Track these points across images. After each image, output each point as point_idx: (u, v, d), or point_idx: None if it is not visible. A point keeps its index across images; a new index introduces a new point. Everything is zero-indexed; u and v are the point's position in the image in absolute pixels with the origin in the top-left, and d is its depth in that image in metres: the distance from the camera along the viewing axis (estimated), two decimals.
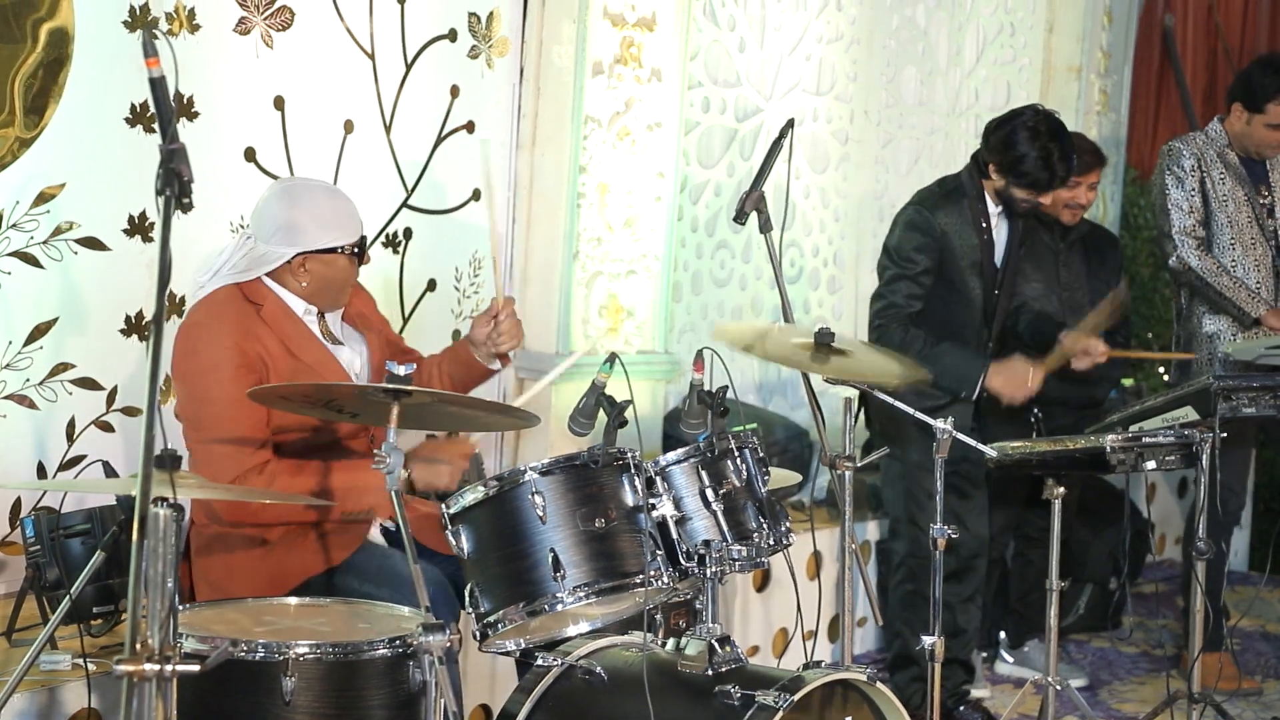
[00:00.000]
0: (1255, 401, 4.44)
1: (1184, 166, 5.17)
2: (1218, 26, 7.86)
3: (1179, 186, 5.17)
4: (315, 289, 3.49)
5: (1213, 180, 5.17)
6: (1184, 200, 5.16)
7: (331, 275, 3.49)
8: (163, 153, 2.31)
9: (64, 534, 3.51)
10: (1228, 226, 5.16)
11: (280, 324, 3.45)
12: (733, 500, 3.21)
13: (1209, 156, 5.19)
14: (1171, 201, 5.18)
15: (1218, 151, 5.21)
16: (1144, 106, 7.73)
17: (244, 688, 2.82)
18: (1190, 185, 5.16)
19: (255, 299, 3.45)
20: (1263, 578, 6.15)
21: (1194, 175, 5.17)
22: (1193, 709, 4.29)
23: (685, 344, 5.48)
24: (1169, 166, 5.21)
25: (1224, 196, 5.16)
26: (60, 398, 3.93)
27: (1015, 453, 4.24)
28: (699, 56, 5.50)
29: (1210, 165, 5.18)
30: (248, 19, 4.22)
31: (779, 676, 3.00)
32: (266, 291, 3.47)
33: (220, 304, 3.43)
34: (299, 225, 3.44)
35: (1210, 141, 5.24)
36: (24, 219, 3.82)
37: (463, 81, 4.79)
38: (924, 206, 4.62)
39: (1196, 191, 5.17)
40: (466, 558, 3.12)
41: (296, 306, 3.49)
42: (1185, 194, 5.16)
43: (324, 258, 3.46)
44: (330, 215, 3.48)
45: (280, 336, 3.43)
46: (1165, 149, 5.30)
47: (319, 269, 3.47)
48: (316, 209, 3.47)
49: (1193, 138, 5.27)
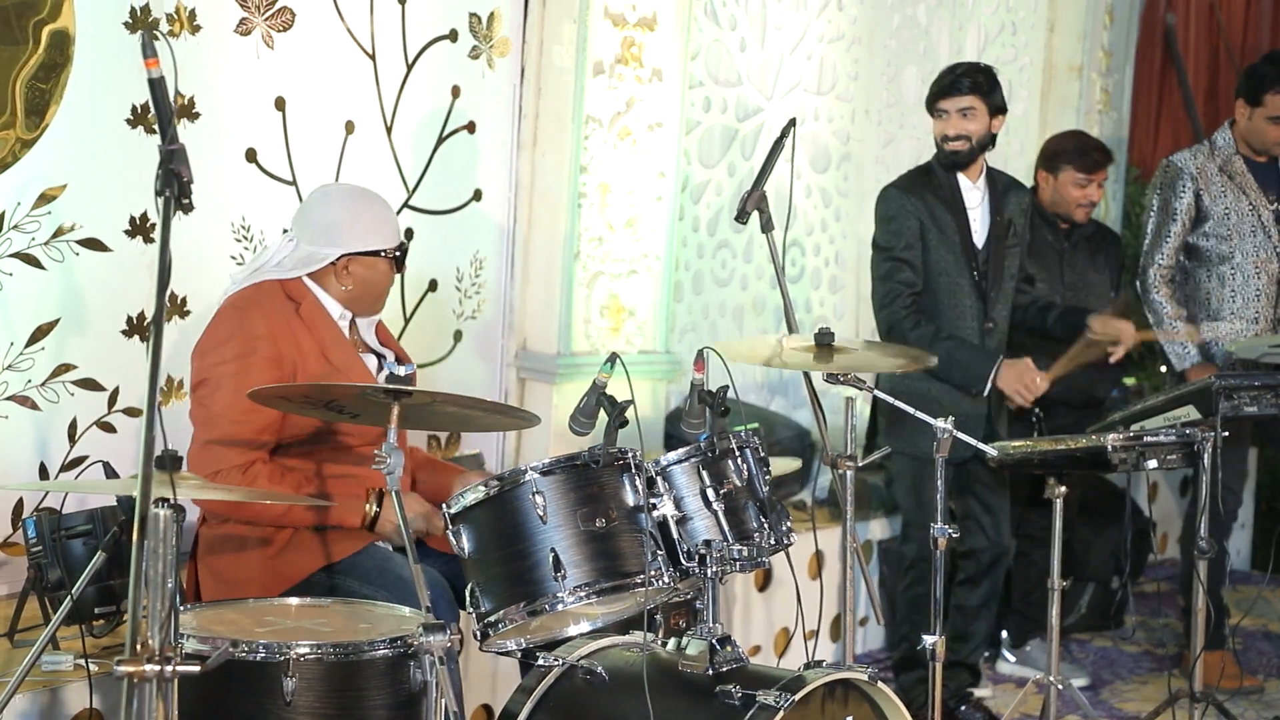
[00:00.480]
0: (1257, 400, 4.44)
1: (1176, 188, 5.18)
2: (1219, 25, 7.86)
3: (1164, 210, 5.21)
4: (356, 293, 3.54)
5: (1212, 196, 5.17)
6: (1165, 225, 5.19)
7: (373, 279, 3.54)
8: (162, 153, 2.31)
9: (65, 535, 3.51)
10: (1229, 238, 5.16)
11: (316, 324, 3.49)
12: (734, 500, 3.21)
13: (1209, 171, 5.19)
14: (1151, 227, 5.25)
15: (1221, 164, 5.20)
16: (1146, 105, 7.72)
17: (245, 688, 2.82)
18: (1176, 207, 5.18)
19: (295, 297, 3.50)
20: (1265, 577, 6.14)
21: (1186, 196, 5.17)
22: (1195, 708, 4.29)
23: (686, 344, 5.48)
24: (1160, 186, 5.24)
25: (1224, 211, 5.16)
26: (62, 399, 3.93)
27: (1017, 452, 4.24)
28: (700, 56, 5.50)
29: (1210, 180, 5.17)
30: (248, 20, 4.22)
31: (780, 676, 3.00)
32: (306, 291, 3.52)
33: (263, 294, 3.49)
34: (345, 227, 3.51)
35: (1215, 154, 5.22)
36: (25, 220, 3.82)
37: (464, 82, 4.79)
38: (894, 188, 4.71)
39: (1184, 214, 5.18)
40: (467, 557, 3.12)
41: (333, 310, 3.54)
42: (1168, 218, 5.19)
43: (367, 260, 3.52)
44: (375, 220, 3.55)
45: (315, 336, 3.48)
46: (1162, 165, 5.31)
47: (361, 271, 3.52)
48: (361, 213, 3.54)
49: (1195, 152, 5.27)
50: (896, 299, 4.56)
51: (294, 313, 3.48)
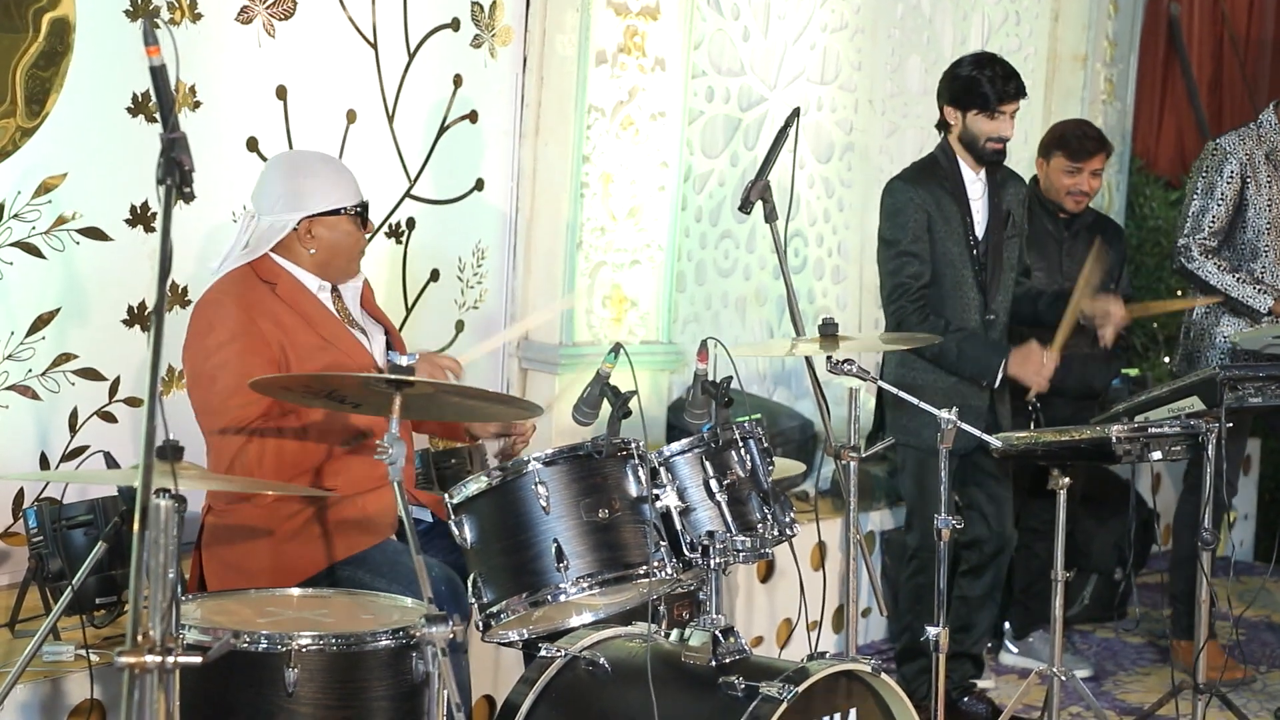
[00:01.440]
0: (1261, 391, 4.42)
1: (1224, 172, 5.09)
2: (1224, 15, 7.83)
3: (1209, 193, 5.11)
4: (324, 258, 3.49)
5: (1257, 184, 5.09)
6: (1207, 208, 5.11)
7: (337, 240, 3.48)
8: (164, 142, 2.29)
9: (66, 525, 3.51)
10: (1267, 232, 5.10)
11: (297, 301, 3.45)
12: (737, 491, 3.20)
13: (1256, 158, 5.12)
14: (1192, 209, 5.14)
15: (1267, 151, 5.14)
16: (1149, 96, 7.70)
17: (247, 679, 2.81)
18: (1222, 192, 5.09)
19: (268, 278, 3.45)
20: (1268, 568, 6.13)
21: (1233, 182, 5.09)
22: (1198, 699, 4.28)
23: (689, 334, 5.47)
24: (1204, 169, 5.14)
25: (1265, 203, 5.10)
26: (62, 388, 3.92)
27: (1020, 443, 4.22)
28: (703, 45, 5.48)
29: (1257, 168, 5.10)
30: (249, 8, 4.20)
31: (783, 668, 3.00)
32: (279, 270, 3.47)
33: (233, 283, 3.44)
34: (300, 191, 3.46)
35: (1261, 139, 5.15)
36: (26, 209, 3.81)
37: (466, 71, 4.78)
38: (899, 181, 4.66)
39: (1229, 199, 5.10)
40: (470, 547, 3.11)
41: (310, 283, 3.49)
42: (1212, 201, 5.10)
43: (328, 221, 3.46)
44: (330, 179, 3.50)
45: (299, 313, 3.44)
46: (1210, 147, 5.18)
47: (324, 234, 3.47)
48: (315, 174, 3.49)
49: (1244, 135, 5.17)
50: (905, 293, 4.54)
51: (271, 293, 3.43)
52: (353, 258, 3.54)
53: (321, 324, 3.45)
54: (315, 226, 3.46)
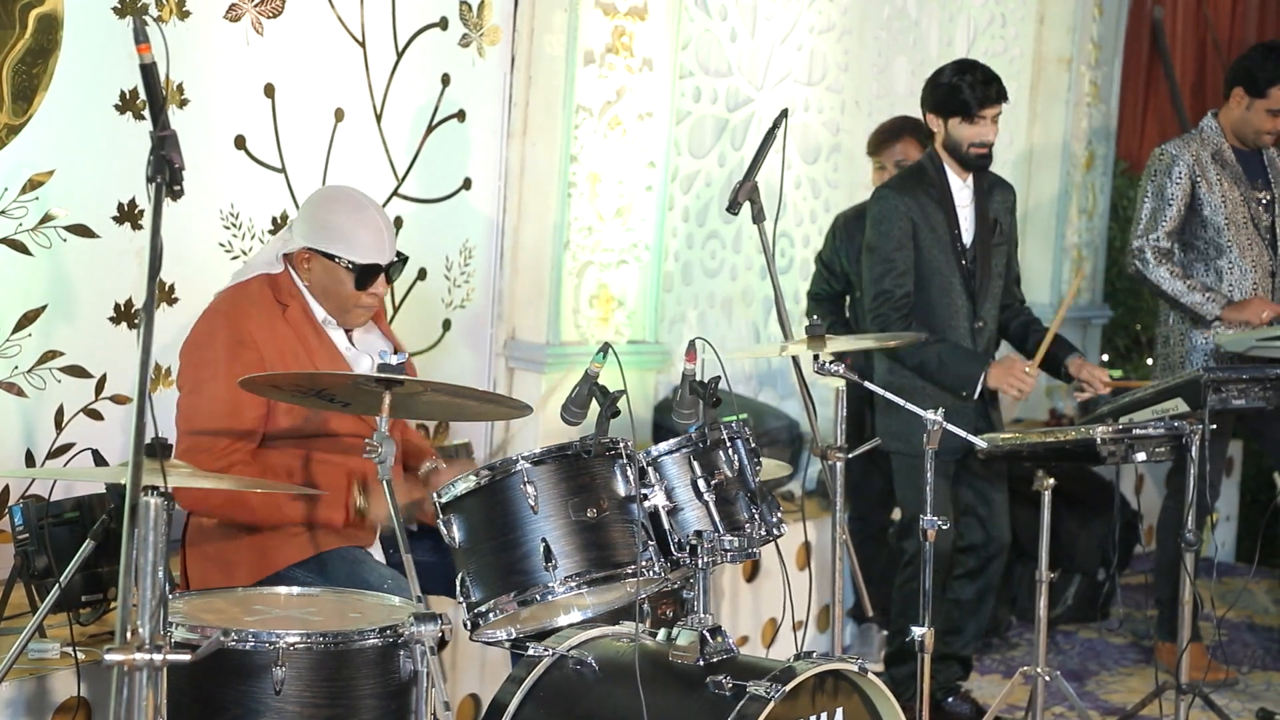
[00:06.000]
0: (1245, 393, 4.44)
1: (1172, 175, 5.12)
2: (1207, 19, 7.87)
3: (1159, 196, 5.14)
4: (317, 290, 3.51)
5: (1208, 183, 5.12)
6: (1160, 210, 5.13)
7: (328, 284, 3.49)
8: (154, 139, 2.30)
9: (53, 522, 3.50)
10: (1226, 228, 5.13)
11: (301, 328, 3.48)
12: (724, 491, 3.21)
13: (1203, 159, 5.15)
14: (1145, 211, 5.17)
15: (1213, 152, 5.17)
16: (1133, 98, 7.73)
17: (234, 677, 2.81)
18: (1172, 193, 5.11)
19: (284, 299, 3.48)
20: (1250, 569, 6.16)
21: (1182, 183, 5.12)
22: (1180, 700, 4.30)
23: (676, 334, 5.48)
24: (1154, 174, 5.17)
25: (1219, 200, 5.13)
26: (49, 385, 3.91)
27: (1005, 444, 4.24)
28: (690, 46, 5.49)
29: (1205, 168, 5.13)
30: (238, 6, 4.20)
31: (770, 667, 3.00)
32: (296, 292, 3.50)
33: (250, 295, 3.47)
34: (319, 221, 3.49)
35: (1205, 142, 5.18)
36: (12, 206, 3.80)
37: (454, 70, 4.78)
38: (886, 189, 4.68)
39: (1180, 200, 5.12)
40: (458, 547, 3.11)
41: (318, 313, 3.52)
42: (1163, 203, 5.13)
43: (324, 262, 3.48)
44: (348, 227, 3.48)
45: (300, 338, 3.46)
46: (1156, 153, 5.21)
47: (319, 271, 3.49)
48: (339, 214, 3.50)
49: (1188, 140, 5.21)
50: (887, 300, 4.55)
51: (280, 315, 3.46)
52: (345, 308, 3.52)
53: (321, 355, 3.47)
54: (314, 261, 3.48)
